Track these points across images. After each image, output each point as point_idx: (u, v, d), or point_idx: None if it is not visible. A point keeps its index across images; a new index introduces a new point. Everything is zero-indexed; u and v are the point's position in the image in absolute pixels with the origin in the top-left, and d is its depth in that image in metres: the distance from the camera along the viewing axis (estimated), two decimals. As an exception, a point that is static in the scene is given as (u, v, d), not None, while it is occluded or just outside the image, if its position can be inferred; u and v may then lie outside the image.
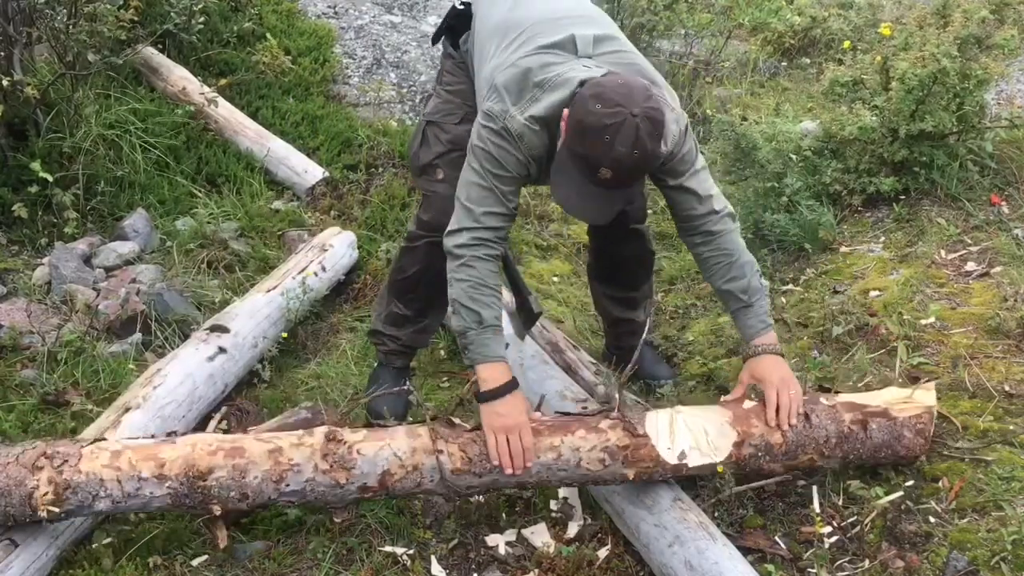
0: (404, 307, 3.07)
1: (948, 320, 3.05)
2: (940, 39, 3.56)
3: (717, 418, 2.49)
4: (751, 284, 2.54)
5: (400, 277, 3.05)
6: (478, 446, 2.40)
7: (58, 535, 2.38)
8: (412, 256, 2.97)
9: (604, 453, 2.41)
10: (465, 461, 2.39)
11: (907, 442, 2.50)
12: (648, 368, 3.23)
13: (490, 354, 2.44)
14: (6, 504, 2.23)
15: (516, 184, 2.47)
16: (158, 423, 2.71)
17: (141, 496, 2.29)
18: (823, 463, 2.52)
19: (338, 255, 3.78)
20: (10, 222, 3.81)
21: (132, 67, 4.66)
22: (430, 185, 2.86)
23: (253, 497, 2.33)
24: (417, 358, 3.35)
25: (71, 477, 2.26)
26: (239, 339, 3.15)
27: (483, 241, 2.44)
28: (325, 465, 2.34)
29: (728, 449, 2.44)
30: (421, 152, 2.87)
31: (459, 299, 2.44)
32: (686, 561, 2.28)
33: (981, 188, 3.69)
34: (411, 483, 2.39)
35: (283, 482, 2.33)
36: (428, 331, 3.20)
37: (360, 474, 2.36)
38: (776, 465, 2.49)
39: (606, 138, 2.18)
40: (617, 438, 2.43)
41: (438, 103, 2.88)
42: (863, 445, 2.48)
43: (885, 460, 2.54)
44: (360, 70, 5.55)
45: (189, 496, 2.31)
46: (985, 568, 2.26)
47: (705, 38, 5.97)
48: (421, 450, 2.39)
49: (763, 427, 2.46)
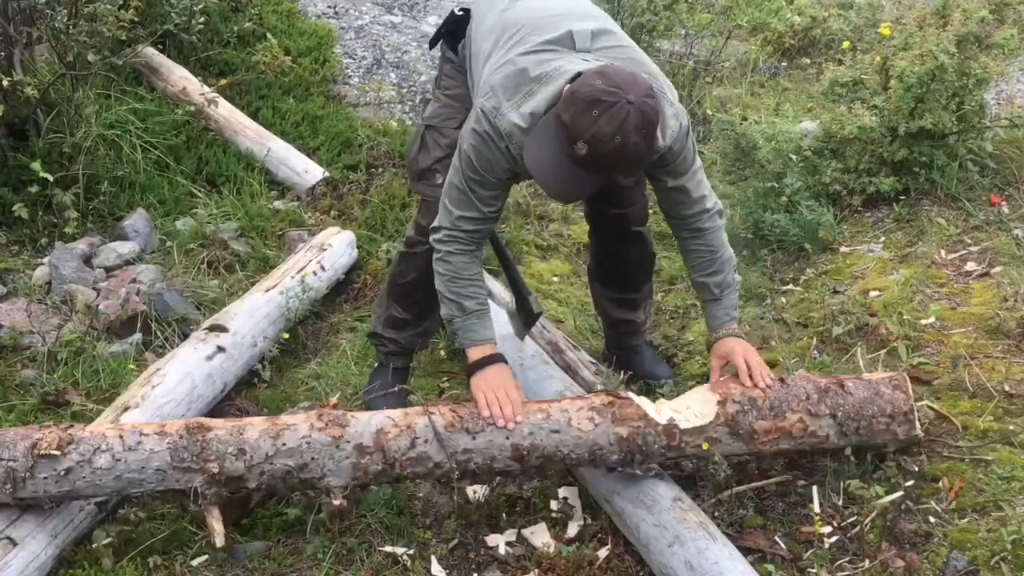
0: (403, 311, 3.09)
1: (948, 320, 3.05)
2: (940, 38, 3.56)
3: (696, 394, 2.61)
4: (725, 280, 2.69)
5: (399, 282, 3.07)
6: (468, 408, 2.49)
7: (57, 534, 2.39)
8: (411, 262, 2.98)
9: (592, 412, 2.48)
10: (456, 419, 2.45)
11: (888, 397, 2.57)
12: (648, 368, 3.23)
13: (476, 337, 2.60)
14: (9, 457, 2.26)
15: (496, 189, 2.52)
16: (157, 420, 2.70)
17: (141, 451, 2.33)
18: (816, 427, 2.53)
19: (337, 254, 3.78)
20: (10, 222, 3.81)
21: (132, 67, 4.66)
22: (429, 190, 2.86)
23: (251, 453, 2.36)
24: (417, 358, 3.36)
25: (75, 433, 2.35)
26: (238, 338, 3.15)
27: (456, 238, 2.55)
28: (320, 424, 2.42)
29: (714, 409, 2.50)
30: (420, 156, 2.89)
31: (441, 291, 2.60)
32: (686, 561, 2.28)
33: (981, 188, 3.69)
34: (405, 442, 2.42)
35: (280, 439, 2.38)
36: (427, 334, 3.22)
37: (355, 433, 2.42)
38: (767, 423, 2.51)
39: (594, 112, 2.17)
40: (601, 400, 2.53)
41: (437, 107, 2.89)
42: (846, 401, 2.55)
43: (878, 424, 2.55)
44: (360, 70, 5.55)
45: (188, 449, 2.34)
46: (985, 568, 2.26)
47: (705, 38, 5.97)
48: (413, 413, 2.49)
49: (741, 388, 2.56)
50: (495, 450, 2.45)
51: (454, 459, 2.43)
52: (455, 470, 2.45)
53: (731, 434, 2.50)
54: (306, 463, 2.39)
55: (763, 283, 3.71)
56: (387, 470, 2.44)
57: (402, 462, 2.43)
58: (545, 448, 2.47)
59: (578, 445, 2.47)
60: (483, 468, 2.49)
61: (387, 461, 2.42)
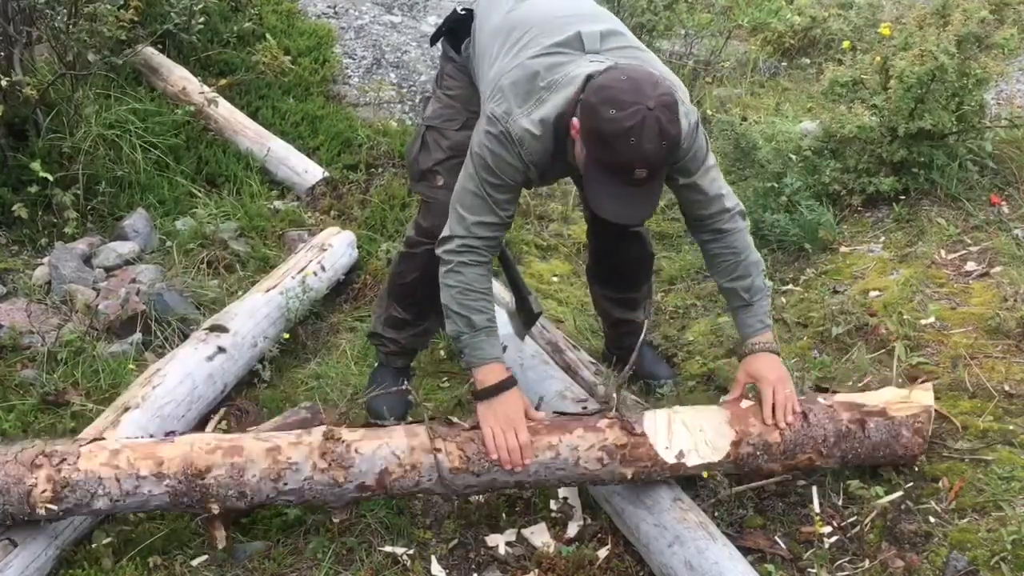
0: (403, 311, 3.08)
1: (948, 320, 3.05)
2: (940, 38, 3.56)
3: (715, 418, 2.49)
4: (754, 284, 2.55)
5: (399, 283, 3.05)
6: (475, 445, 2.40)
7: (57, 534, 2.39)
8: (411, 262, 2.96)
9: (602, 452, 2.41)
10: (463, 460, 2.39)
11: (905, 441, 2.50)
12: (648, 368, 3.23)
13: (485, 356, 2.46)
14: (4, 502, 2.23)
15: (512, 192, 2.46)
16: (157, 422, 2.71)
17: (139, 495, 2.29)
18: (822, 463, 2.52)
19: (337, 254, 3.78)
20: (10, 222, 3.80)
21: (132, 67, 4.66)
22: (430, 191, 2.83)
23: (251, 495, 2.33)
24: (417, 358, 3.36)
25: (69, 475, 2.26)
26: (238, 338, 3.15)
27: (471, 248, 2.44)
28: (323, 464, 2.35)
29: (726, 448, 2.44)
30: (420, 157, 2.84)
31: (449, 305, 2.46)
32: (686, 561, 2.28)
33: (981, 188, 3.69)
34: (409, 482, 2.39)
35: (281, 481, 2.34)
36: (428, 334, 3.22)
37: (358, 472, 2.36)
38: (775, 465, 2.49)
39: (631, 140, 2.16)
40: (615, 437, 2.43)
41: (438, 108, 2.85)
42: (861, 444, 2.48)
43: (884, 460, 2.54)
44: (360, 70, 5.55)
45: (187, 495, 2.31)
46: (985, 568, 2.26)
47: (705, 38, 5.97)
48: (419, 449, 2.39)
49: (761, 426, 2.45)
50: (498, 484, 2.47)
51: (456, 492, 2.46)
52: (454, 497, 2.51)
53: (736, 469, 2.50)
54: (307, 499, 2.40)
55: (763, 283, 3.72)
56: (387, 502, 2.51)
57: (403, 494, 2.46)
58: (547, 481, 2.47)
59: (580, 478, 2.47)
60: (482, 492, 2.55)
61: (388, 495, 2.45)
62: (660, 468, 2.43)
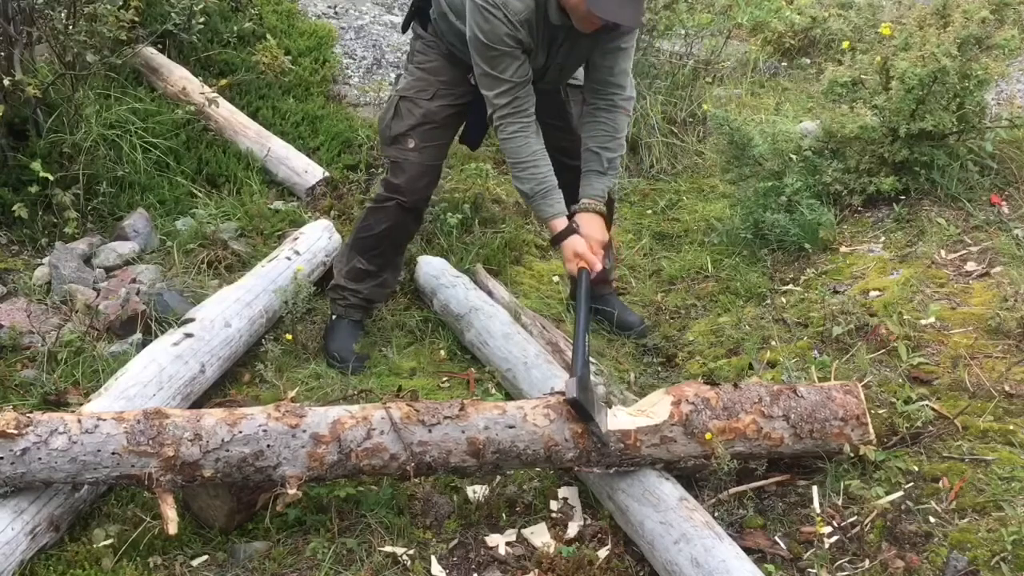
0: (367, 263, 3.36)
1: (948, 320, 3.05)
2: (940, 39, 3.56)
3: (651, 397, 2.66)
4: (615, 160, 3.04)
5: (366, 234, 3.33)
6: (424, 403, 2.52)
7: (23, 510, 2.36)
8: (381, 214, 3.26)
9: (547, 409, 2.53)
10: (412, 412, 2.48)
11: (840, 401, 2.62)
12: (620, 316, 3.59)
13: (548, 213, 2.98)
14: None
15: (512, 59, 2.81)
16: (122, 403, 2.69)
17: (98, 434, 2.32)
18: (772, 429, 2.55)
19: (312, 238, 3.78)
20: (10, 222, 3.81)
21: (132, 67, 4.66)
22: (401, 153, 3.17)
23: (207, 439, 2.35)
24: (417, 358, 3.36)
25: (34, 417, 2.36)
26: (206, 322, 3.14)
27: (503, 117, 2.90)
28: (277, 414, 2.44)
29: (667, 409, 2.54)
30: (393, 123, 3.18)
31: (512, 175, 3.01)
32: (692, 558, 2.27)
33: (981, 188, 3.70)
34: (361, 432, 2.43)
35: (236, 427, 2.39)
36: (386, 286, 3.49)
37: (311, 422, 2.43)
38: (718, 422, 2.53)
39: None
40: (556, 399, 2.57)
41: (411, 80, 3.18)
42: (798, 403, 2.60)
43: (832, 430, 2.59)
44: (360, 70, 5.55)
45: (144, 432, 2.34)
46: (985, 568, 2.26)
47: (705, 38, 5.97)
48: (370, 407, 2.52)
49: (695, 388, 2.59)
50: (451, 443, 2.46)
51: (410, 449, 2.44)
52: (411, 461, 2.45)
53: (686, 434, 2.52)
54: (262, 450, 2.38)
55: (763, 283, 3.72)
56: (343, 460, 2.43)
57: (358, 452, 2.43)
58: (501, 443, 2.48)
59: (534, 441, 2.49)
60: (439, 462, 2.48)
61: (342, 451, 2.42)
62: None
